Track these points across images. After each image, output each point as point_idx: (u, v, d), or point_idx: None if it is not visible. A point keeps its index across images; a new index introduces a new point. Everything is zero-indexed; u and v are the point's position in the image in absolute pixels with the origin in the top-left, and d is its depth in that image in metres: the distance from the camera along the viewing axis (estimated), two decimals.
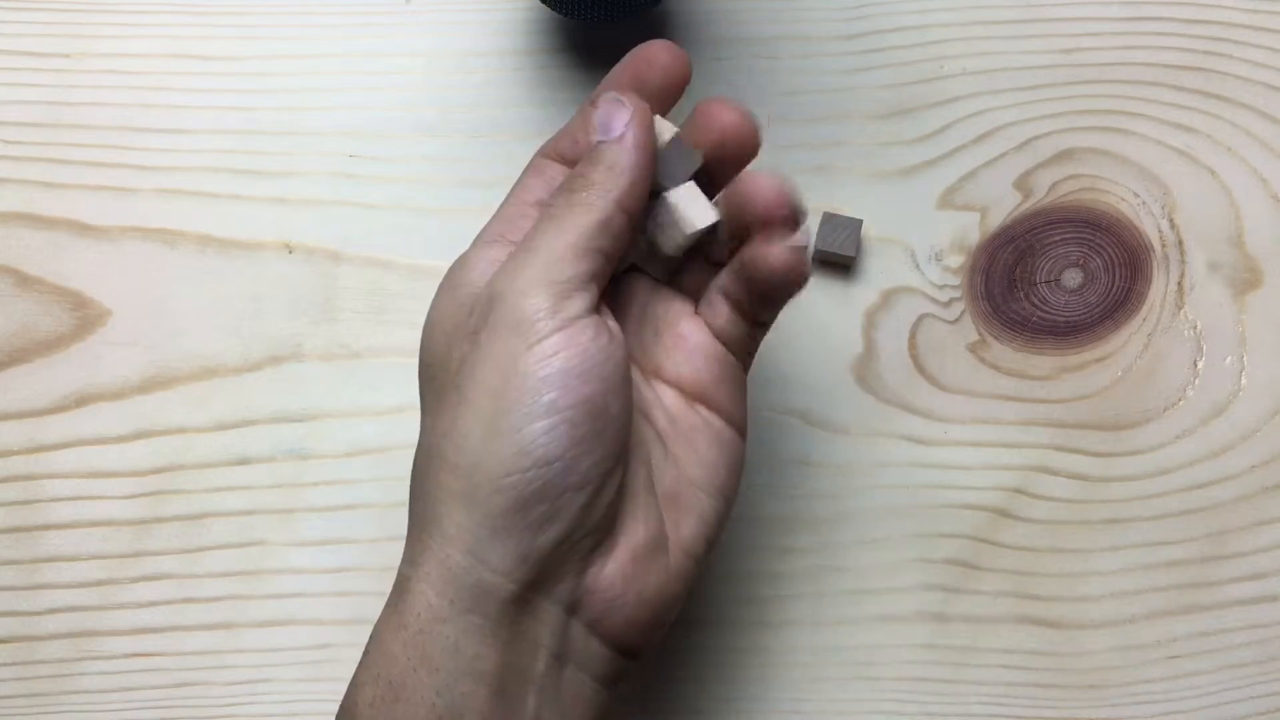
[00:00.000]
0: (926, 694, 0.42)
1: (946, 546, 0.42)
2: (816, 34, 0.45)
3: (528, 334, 0.30)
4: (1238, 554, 0.42)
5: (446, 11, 0.46)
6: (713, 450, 0.34)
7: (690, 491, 0.33)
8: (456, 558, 0.30)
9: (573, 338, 0.30)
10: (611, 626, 0.31)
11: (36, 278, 0.44)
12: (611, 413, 0.30)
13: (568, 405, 0.30)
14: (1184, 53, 0.45)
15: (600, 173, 0.32)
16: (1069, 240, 0.44)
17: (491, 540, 0.30)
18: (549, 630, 0.30)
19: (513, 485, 0.29)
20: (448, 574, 0.30)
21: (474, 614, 0.30)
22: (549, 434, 0.29)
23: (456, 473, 0.30)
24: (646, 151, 0.32)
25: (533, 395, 0.30)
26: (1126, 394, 0.43)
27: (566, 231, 0.31)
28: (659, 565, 0.32)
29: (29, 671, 0.42)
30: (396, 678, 0.30)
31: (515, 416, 0.30)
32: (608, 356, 0.30)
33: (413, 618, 0.30)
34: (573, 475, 0.30)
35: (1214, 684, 0.42)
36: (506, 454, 0.29)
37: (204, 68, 0.45)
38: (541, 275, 0.31)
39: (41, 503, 0.43)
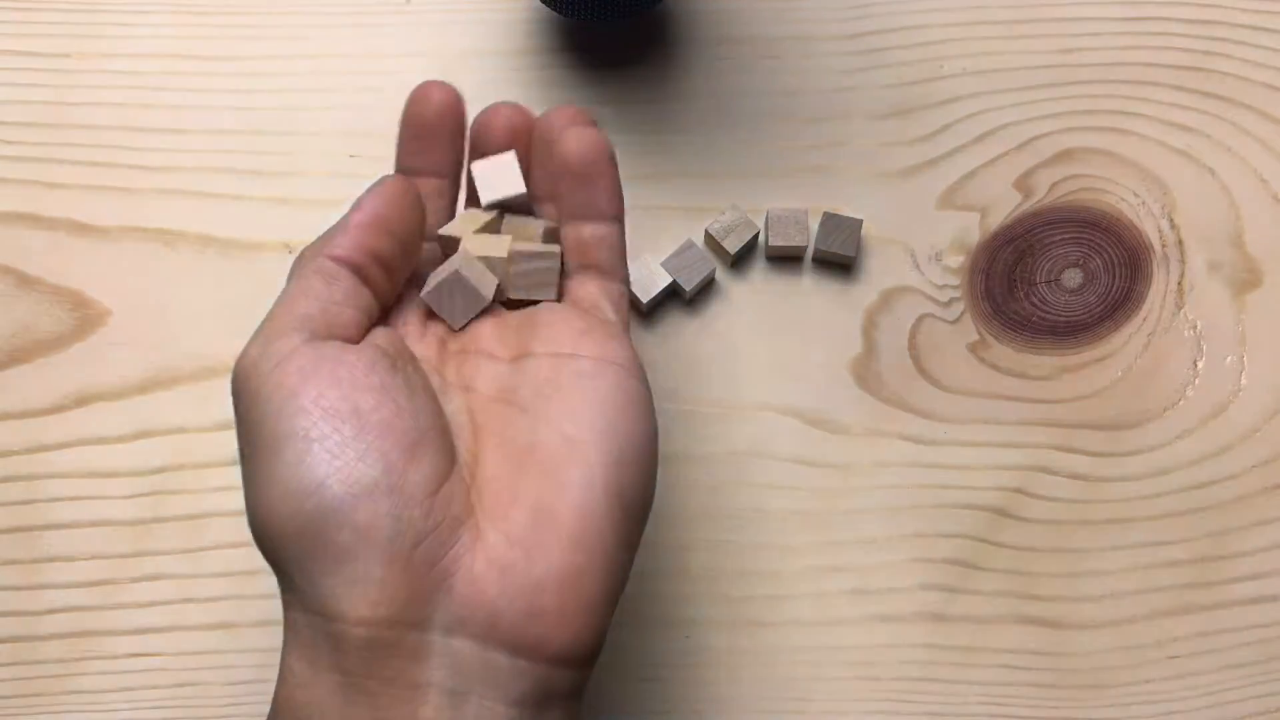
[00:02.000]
0: (926, 694, 0.42)
1: (946, 546, 0.42)
2: (816, 34, 0.45)
3: (251, 384, 0.29)
4: (1238, 554, 0.42)
5: (446, 11, 0.46)
6: (588, 396, 0.30)
7: (568, 450, 0.29)
8: (299, 619, 0.28)
9: (294, 364, 0.29)
10: (508, 628, 0.28)
11: (36, 278, 0.44)
12: (364, 409, 0.28)
13: (307, 424, 0.28)
14: (1184, 53, 0.45)
15: (314, 243, 0.32)
16: (1069, 240, 0.44)
17: (315, 589, 0.27)
18: (432, 665, 0.27)
19: (298, 526, 0.27)
20: (299, 638, 0.28)
21: (334, 672, 0.27)
22: (301, 459, 0.28)
23: (262, 542, 0.29)
24: (370, 211, 0.32)
25: (269, 433, 0.28)
26: (1126, 394, 0.43)
27: (281, 294, 0.31)
28: (546, 540, 0.28)
29: (29, 671, 0.42)
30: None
31: (265, 463, 0.28)
32: (338, 362, 0.29)
33: (281, 689, 0.29)
34: (351, 485, 0.27)
35: (1214, 684, 0.42)
36: (277, 499, 0.28)
37: (204, 68, 0.46)
38: (255, 336, 0.30)
39: (42, 503, 0.43)
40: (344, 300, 0.31)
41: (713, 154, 0.44)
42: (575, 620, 0.28)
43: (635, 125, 0.45)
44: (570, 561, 0.28)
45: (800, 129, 0.45)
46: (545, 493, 0.29)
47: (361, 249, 0.32)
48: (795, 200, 0.44)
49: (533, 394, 0.31)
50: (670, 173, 0.45)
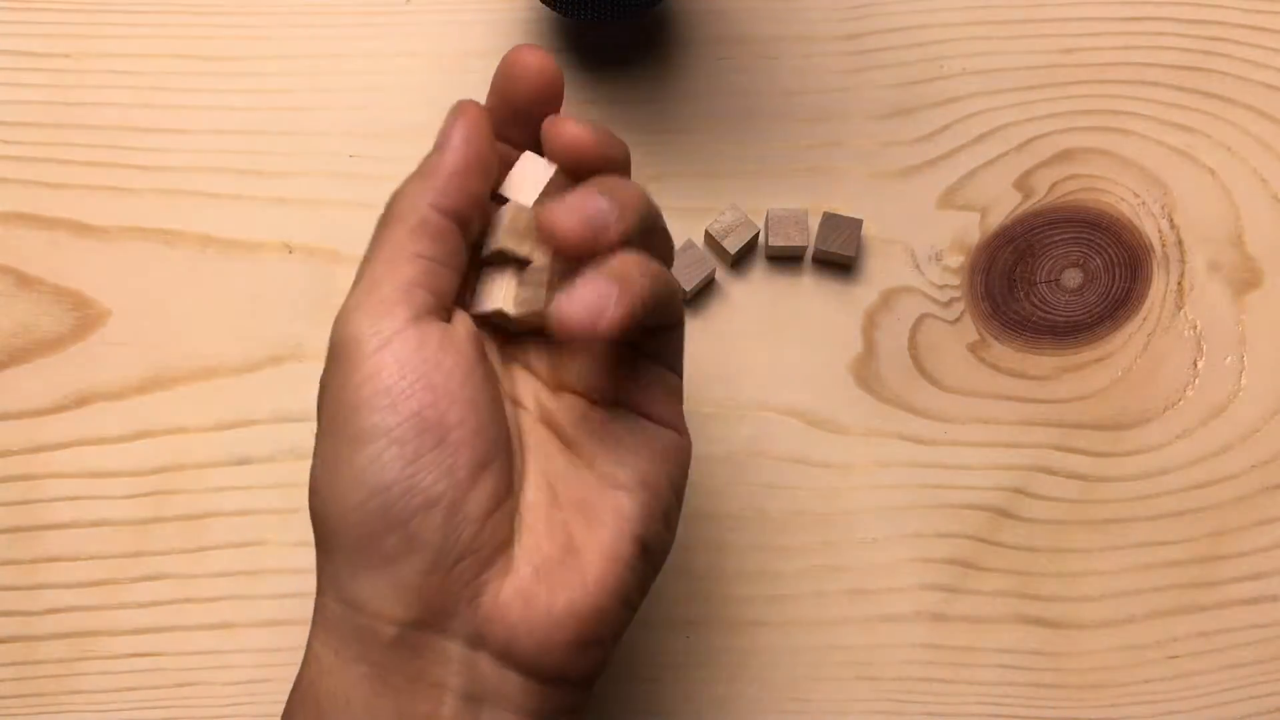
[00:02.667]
0: (926, 694, 0.42)
1: (946, 546, 0.42)
2: (816, 34, 0.45)
3: (350, 361, 0.28)
4: (1238, 554, 0.42)
5: (446, 11, 0.46)
6: (631, 444, 0.31)
7: (606, 494, 0.30)
8: (332, 606, 0.28)
9: (394, 353, 0.28)
10: (523, 654, 0.29)
11: (36, 278, 0.44)
12: (450, 422, 0.28)
13: (393, 424, 0.28)
14: (1184, 53, 0.45)
15: (414, 182, 0.30)
16: (1069, 240, 0.44)
17: (354, 582, 0.28)
18: (452, 670, 0.28)
19: (356, 520, 0.28)
20: (329, 624, 0.29)
21: (360, 663, 0.28)
22: (377, 458, 0.28)
23: (315, 518, 0.29)
24: (467, 150, 0.30)
25: (355, 421, 0.28)
26: (1126, 394, 0.43)
27: (381, 247, 0.30)
28: (571, 579, 0.29)
29: (29, 671, 0.42)
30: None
31: (344, 447, 0.28)
32: (436, 365, 0.28)
33: (306, 672, 0.29)
34: (415, 496, 0.28)
35: (1214, 684, 0.42)
36: (344, 488, 0.28)
37: (204, 68, 0.45)
38: (359, 299, 0.29)
39: (41, 503, 0.43)
40: (447, 259, 0.30)
41: (713, 154, 0.44)
42: (586, 654, 0.29)
43: (635, 125, 0.45)
44: (591, 603, 0.29)
45: (800, 129, 0.45)
46: (578, 532, 0.30)
47: (466, 195, 0.30)
48: (795, 200, 0.44)
49: (576, 428, 0.31)
50: (670, 173, 0.45)
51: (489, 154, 0.31)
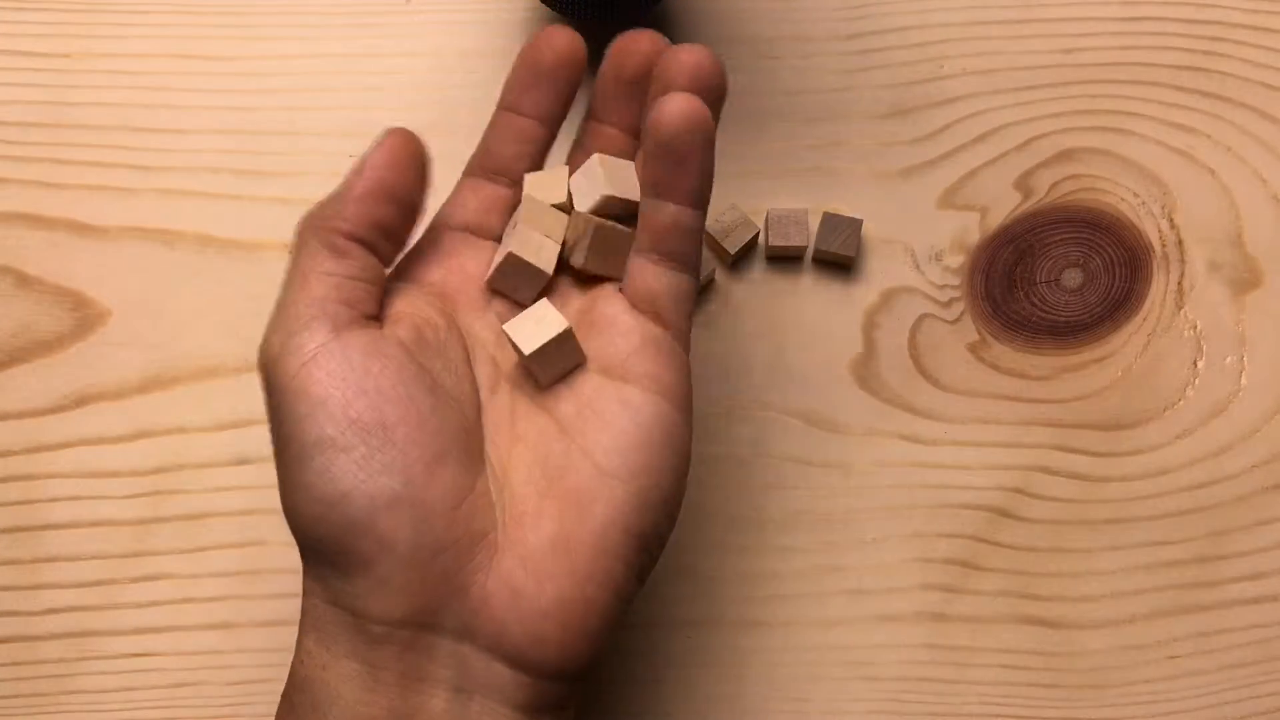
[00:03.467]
0: (926, 694, 0.42)
1: (946, 546, 0.42)
2: (816, 34, 0.45)
3: (278, 382, 0.29)
4: (1238, 554, 0.42)
5: (446, 11, 0.46)
6: (628, 431, 0.30)
7: (598, 481, 0.30)
8: (321, 605, 0.29)
9: (319, 366, 0.29)
10: (512, 646, 0.29)
11: (36, 278, 0.44)
12: (391, 422, 0.28)
13: (335, 434, 0.28)
14: (1184, 53, 0.45)
15: (320, 207, 0.31)
16: (1069, 240, 0.44)
17: (338, 585, 0.28)
18: (441, 664, 0.29)
19: (324, 533, 0.28)
20: (318, 622, 0.29)
21: (351, 660, 0.28)
22: (326, 470, 0.28)
23: (293, 528, 0.29)
24: (375, 177, 0.31)
25: (298, 439, 0.28)
26: (1126, 394, 0.43)
27: (292, 273, 0.31)
28: (559, 570, 0.29)
29: (29, 671, 0.42)
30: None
31: (293, 467, 0.28)
32: (365, 370, 0.29)
33: (299, 668, 0.29)
34: (377, 497, 0.28)
35: (1214, 684, 0.42)
36: (304, 505, 0.28)
37: (204, 68, 0.45)
38: (276, 323, 0.30)
39: (41, 503, 0.43)
40: (358, 274, 0.31)
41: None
42: (576, 646, 0.29)
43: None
44: (579, 594, 0.29)
45: (800, 129, 0.45)
46: (567, 522, 0.29)
47: (367, 221, 0.31)
48: (795, 200, 0.44)
49: (573, 413, 0.31)
50: None
51: (402, 181, 0.31)
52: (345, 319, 0.30)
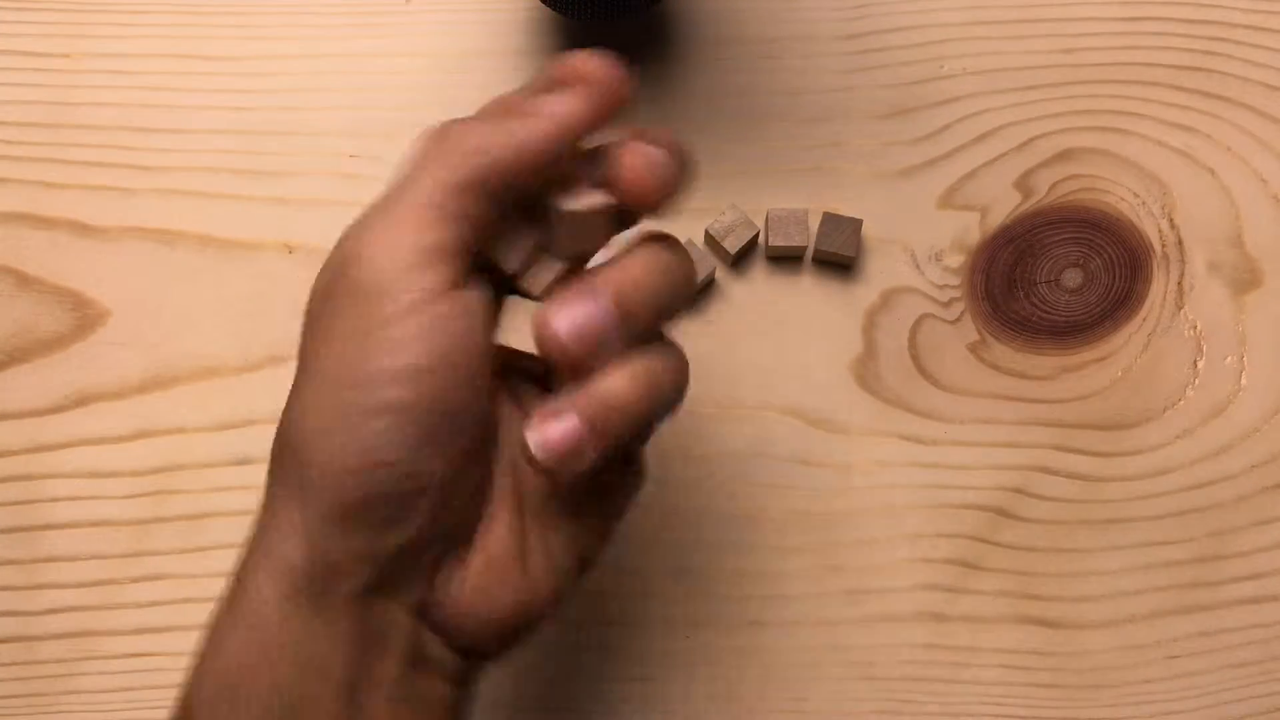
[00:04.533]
0: (926, 694, 0.42)
1: (946, 546, 0.42)
2: (816, 34, 0.45)
3: (376, 310, 0.26)
4: (1238, 554, 0.42)
5: (446, 11, 0.46)
6: (591, 519, 0.31)
7: (563, 523, 0.30)
8: (295, 553, 0.27)
9: (426, 324, 0.26)
10: (459, 637, 0.29)
11: (36, 278, 0.44)
12: (459, 407, 0.27)
13: (411, 403, 0.26)
14: (1184, 53, 0.45)
15: (490, 127, 0.27)
16: (1069, 240, 0.44)
17: (329, 538, 0.27)
18: (400, 634, 0.28)
19: (353, 484, 0.26)
20: (286, 568, 0.27)
21: (315, 613, 0.27)
22: (391, 434, 0.26)
23: (296, 459, 0.27)
24: (565, 125, 0.28)
25: (375, 388, 0.26)
26: (1126, 394, 0.43)
27: (429, 186, 0.27)
28: (516, 580, 0.29)
29: (29, 671, 0.42)
30: (234, 676, 0.27)
31: (355, 410, 0.26)
32: (461, 345, 0.27)
33: (251, 613, 0.27)
34: (418, 479, 0.27)
35: (1214, 684, 0.42)
36: (345, 449, 0.26)
37: (204, 68, 0.45)
38: (394, 234, 0.27)
39: (42, 503, 0.43)
40: (481, 229, 0.28)
41: (713, 154, 0.44)
42: (516, 640, 0.31)
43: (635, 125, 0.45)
44: (536, 607, 0.30)
45: (800, 129, 0.45)
46: (533, 540, 0.30)
47: (541, 174, 0.28)
48: (795, 200, 0.44)
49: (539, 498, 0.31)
50: None
51: (591, 129, 0.28)
52: (461, 274, 0.27)
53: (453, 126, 0.28)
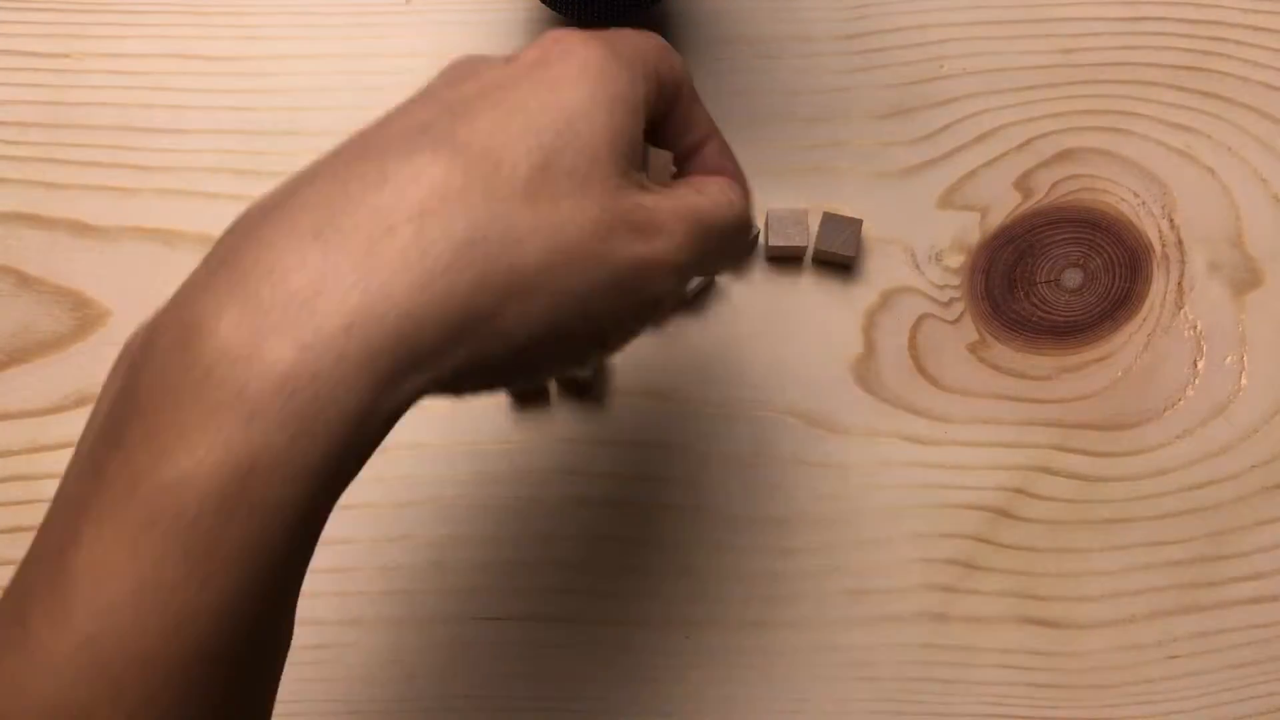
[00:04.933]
0: (926, 694, 0.42)
1: (946, 546, 0.42)
2: (816, 34, 0.45)
3: (595, 239, 0.25)
4: (1238, 554, 0.42)
5: (446, 11, 0.46)
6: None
7: None
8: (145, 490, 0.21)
9: (654, 288, 0.27)
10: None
11: (36, 278, 0.44)
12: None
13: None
14: (1184, 53, 0.45)
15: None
16: (1069, 240, 0.44)
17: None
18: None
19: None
20: (130, 513, 0.22)
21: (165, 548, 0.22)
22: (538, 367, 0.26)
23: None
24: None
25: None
26: (1126, 394, 0.43)
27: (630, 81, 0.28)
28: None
29: None
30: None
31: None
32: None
33: (72, 560, 0.22)
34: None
35: (1214, 684, 0.42)
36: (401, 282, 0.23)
37: (204, 68, 0.45)
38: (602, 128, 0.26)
39: (42, 503, 0.43)
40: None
41: None
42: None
43: None
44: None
45: (800, 129, 0.45)
46: None
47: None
48: (795, 200, 0.44)
49: None
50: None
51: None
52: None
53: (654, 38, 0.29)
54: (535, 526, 0.43)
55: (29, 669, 0.21)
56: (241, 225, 0.24)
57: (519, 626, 0.42)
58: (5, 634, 0.22)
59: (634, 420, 0.43)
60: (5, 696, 0.21)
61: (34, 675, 0.21)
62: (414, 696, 0.42)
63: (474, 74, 0.27)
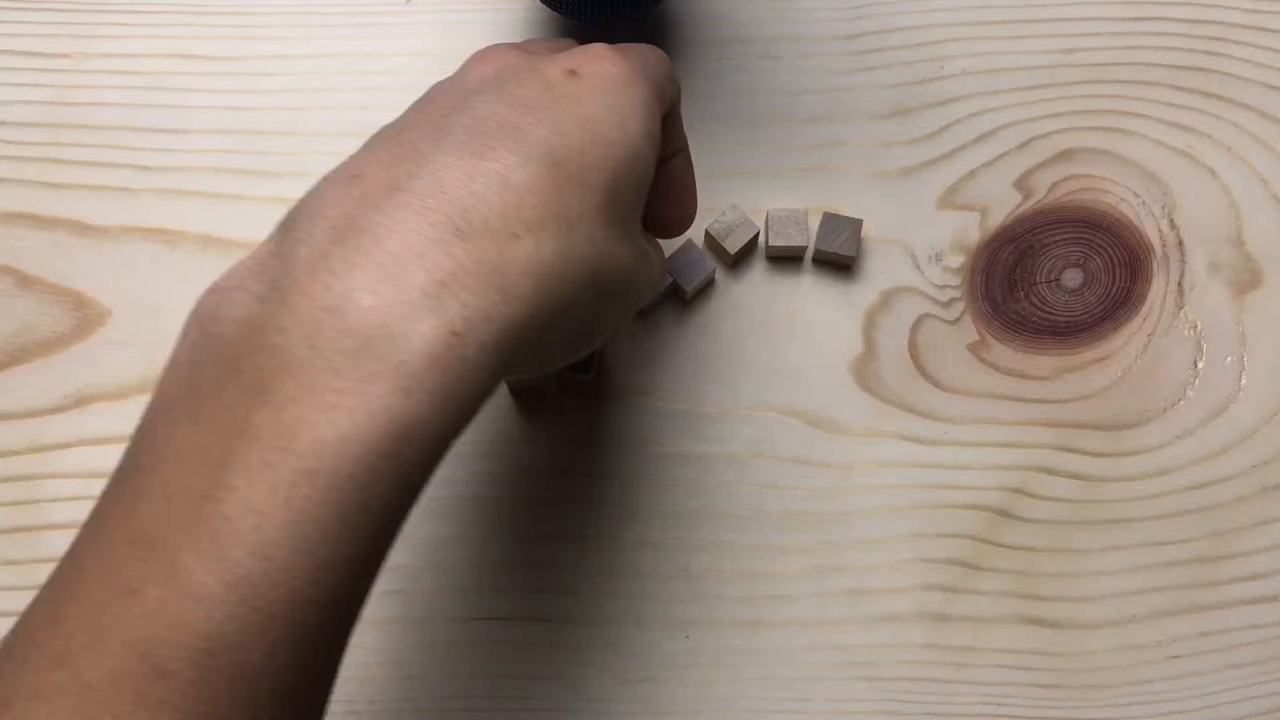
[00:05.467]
0: (926, 694, 0.42)
1: (946, 546, 0.42)
2: (816, 34, 0.45)
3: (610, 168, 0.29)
4: (1238, 554, 0.42)
5: (446, 11, 0.46)
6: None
7: None
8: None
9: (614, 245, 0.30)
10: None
11: (36, 278, 0.44)
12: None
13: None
14: (1184, 53, 0.45)
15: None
16: (1069, 240, 0.44)
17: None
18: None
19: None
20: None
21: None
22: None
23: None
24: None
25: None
26: (1126, 394, 0.43)
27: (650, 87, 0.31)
28: None
29: None
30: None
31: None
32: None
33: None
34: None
35: (1214, 684, 0.42)
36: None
37: (204, 68, 0.46)
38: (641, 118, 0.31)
39: (42, 503, 0.43)
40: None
41: (713, 154, 0.44)
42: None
43: None
44: None
45: (800, 129, 0.45)
46: None
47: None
48: (795, 200, 0.44)
49: None
50: None
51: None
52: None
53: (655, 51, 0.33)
54: (534, 526, 0.43)
55: (182, 601, 0.23)
56: (349, 192, 0.26)
57: (519, 626, 0.42)
58: (143, 568, 0.23)
59: (633, 420, 0.43)
60: (159, 625, 0.23)
61: (188, 607, 0.23)
62: (412, 696, 0.42)
63: (534, 74, 0.30)
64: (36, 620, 0.24)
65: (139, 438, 0.25)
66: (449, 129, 0.27)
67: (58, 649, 0.23)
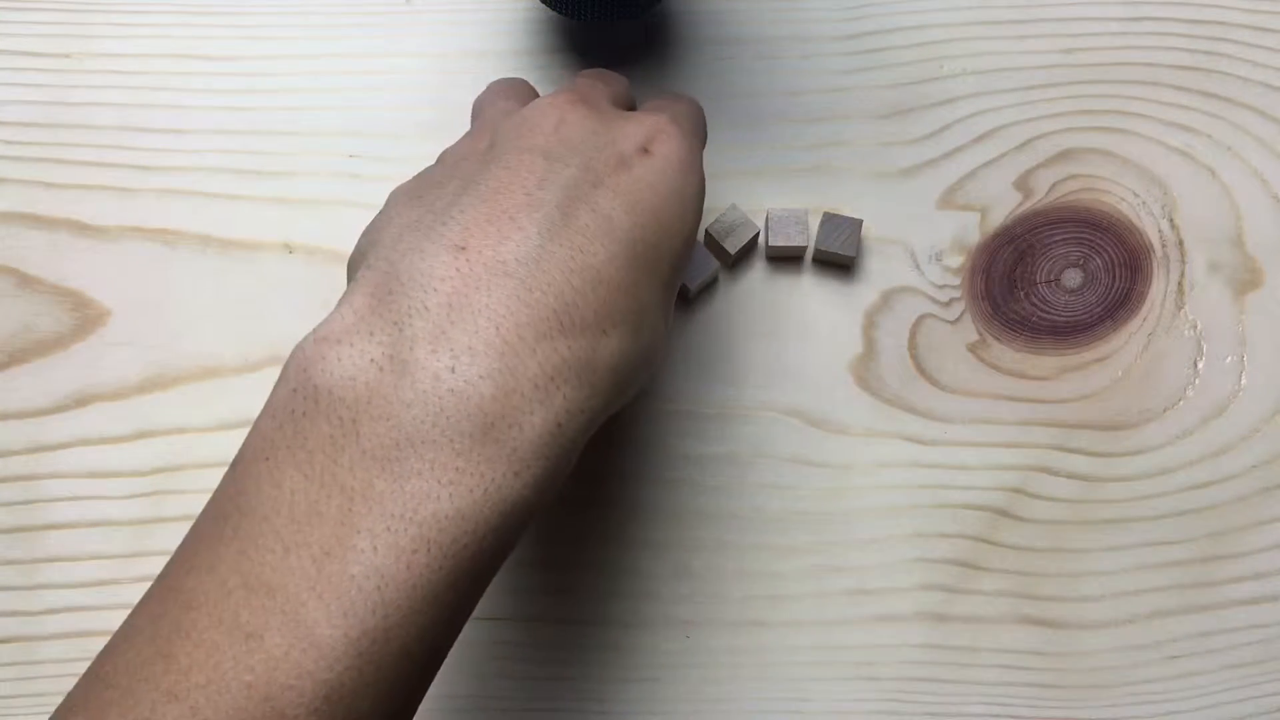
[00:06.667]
0: (926, 694, 0.42)
1: (946, 546, 0.42)
2: (816, 34, 0.45)
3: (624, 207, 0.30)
4: (1238, 554, 0.42)
5: (446, 11, 0.46)
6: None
7: None
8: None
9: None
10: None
11: (36, 278, 0.44)
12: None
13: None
14: (1184, 53, 0.45)
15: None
16: (1069, 240, 0.44)
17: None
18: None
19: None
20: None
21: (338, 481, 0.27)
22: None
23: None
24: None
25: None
26: (1126, 394, 0.43)
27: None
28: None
29: (29, 671, 0.42)
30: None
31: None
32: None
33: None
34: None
35: (1214, 684, 0.42)
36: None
37: (204, 68, 0.45)
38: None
39: (42, 503, 0.43)
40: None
41: (713, 154, 0.44)
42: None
43: None
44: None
45: (800, 129, 0.45)
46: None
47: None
48: (795, 200, 0.44)
49: None
50: None
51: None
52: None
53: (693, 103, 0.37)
54: (534, 526, 0.43)
55: (306, 650, 0.24)
56: (458, 266, 0.28)
57: (518, 627, 0.42)
58: (264, 616, 0.25)
59: (633, 420, 0.43)
60: (281, 672, 0.24)
61: (311, 656, 0.24)
62: None
63: (610, 146, 0.32)
64: (141, 651, 0.25)
65: (238, 477, 0.27)
66: (542, 205, 0.29)
67: (173, 684, 0.24)
